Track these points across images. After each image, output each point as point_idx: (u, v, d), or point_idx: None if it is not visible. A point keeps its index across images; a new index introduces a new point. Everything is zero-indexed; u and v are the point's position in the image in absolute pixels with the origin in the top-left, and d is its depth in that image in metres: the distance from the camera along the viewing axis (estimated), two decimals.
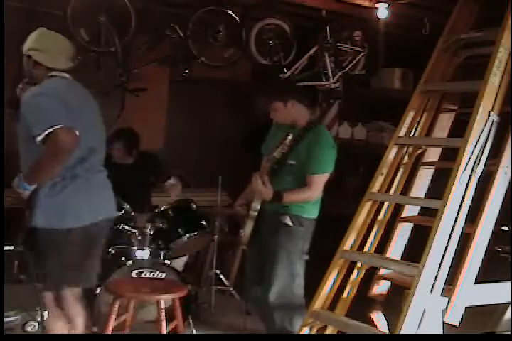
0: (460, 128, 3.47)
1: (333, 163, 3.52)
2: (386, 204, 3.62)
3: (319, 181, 3.46)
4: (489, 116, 3.29)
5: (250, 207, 3.53)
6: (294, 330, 3.50)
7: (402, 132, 3.67)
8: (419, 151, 3.79)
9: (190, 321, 3.97)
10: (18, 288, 3.75)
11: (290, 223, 3.49)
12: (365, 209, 3.52)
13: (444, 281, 3.13)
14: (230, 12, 5.06)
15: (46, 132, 2.82)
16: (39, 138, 2.84)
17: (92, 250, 3.10)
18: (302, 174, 3.47)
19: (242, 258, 4.68)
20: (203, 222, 4.16)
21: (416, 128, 3.73)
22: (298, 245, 3.53)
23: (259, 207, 3.51)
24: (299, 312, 3.52)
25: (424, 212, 3.77)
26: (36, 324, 3.09)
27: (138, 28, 4.72)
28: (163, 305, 3.27)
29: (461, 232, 3.19)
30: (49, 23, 4.96)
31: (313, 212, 3.56)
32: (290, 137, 3.39)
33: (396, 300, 3.39)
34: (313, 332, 3.43)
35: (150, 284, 3.52)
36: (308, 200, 3.51)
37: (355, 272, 3.52)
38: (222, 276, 4.82)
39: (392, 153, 3.63)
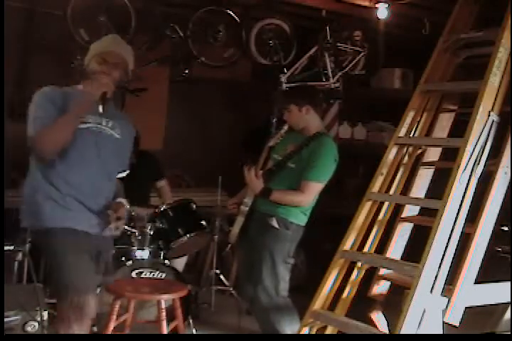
0: (460, 128, 3.47)
1: (330, 174, 3.50)
2: (386, 204, 3.62)
3: (312, 188, 3.45)
4: (489, 116, 3.29)
5: (242, 202, 3.55)
6: (282, 331, 3.50)
7: (402, 132, 3.67)
8: (419, 151, 3.80)
9: (190, 321, 3.97)
10: (18, 288, 3.76)
11: (276, 225, 3.49)
12: (365, 209, 3.52)
13: (444, 281, 3.13)
14: (230, 12, 5.06)
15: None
16: (121, 175, 3.03)
17: None
18: (299, 179, 3.47)
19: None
20: (203, 222, 4.16)
21: (416, 128, 3.74)
22: (283, 248, 3.52)
23: (250, 203, 3.52)
24: (287, 314, 3.53)
25: (424, 212, 3.77)
26: (36, 324, 3.09)
27: (138, 28, 4.72)
28: (163, 305, 3.27)
29: (461, 232, 3.19)
30: (49, 23, 5.00)
31: (300, 219, 3.54)
32: (285, 127, 3.53)
33: (396, 300, 3.39)
34: (313, 332, 3.43)
35: (150, 284, 3.52)
36: (299, 205, 3.49)
37: (355, 272, 3.52)
38: (222, 276, 4.82)
39: (392, 153, 3.63)
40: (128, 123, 3.05)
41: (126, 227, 3.96)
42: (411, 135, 3.70)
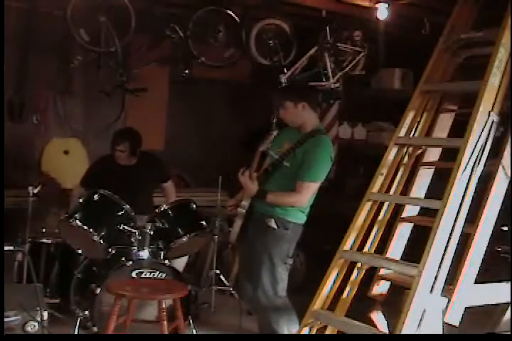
0: (460, 128, 3.47)
1: (325, 174, 3.48)
2: (386, 204, 3.62)
3: (308, 189, 3.42)
4: (489, 116, 3.29)
5: (240, 205, 3.54)
6: (281, 331, 3.50)
7: (402, 132, 3.67)
8: (419, 151, 3.79)
9: (190, 321, 3.97)
10: (18, 288, 3.76)
11: (275, 226, 3.47)
12: (365, 209, 3.52)
13: (444, 281, 3.13)
14: (230, 12, 5.06)
15: None
16: None
17: None
18: (295, 178, 3.45)
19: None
20: (203, 222, 4.16)
21: (416, 128, 3.74)
22: (282, 248, 3.50)
23: (247, 205, 3.51)
24: (285, 314, 3.52)
25: (424, 212, 3.77)
26: (36, 324, 3.10)
27: (138, 28, 4.73)
28: (164, 306, 3.27)
29: (461, 232, 3.19)
30: (49, 23, 5.01)
31: (299, 217, 3.52)
32: (275, 133, 3.55)
33: (396, 300, 3.39)
34: (313, 332, 3.43)
35: (150, 284, 3.52)
36: (295, 205, 3.47)
37: (355, 272, 3.52)
38: (222, 276, 4.82)
39: (392, 153, 3.63)
40: None
41: (126, 227, 3.96)
42: (411, 135, 3.70)
